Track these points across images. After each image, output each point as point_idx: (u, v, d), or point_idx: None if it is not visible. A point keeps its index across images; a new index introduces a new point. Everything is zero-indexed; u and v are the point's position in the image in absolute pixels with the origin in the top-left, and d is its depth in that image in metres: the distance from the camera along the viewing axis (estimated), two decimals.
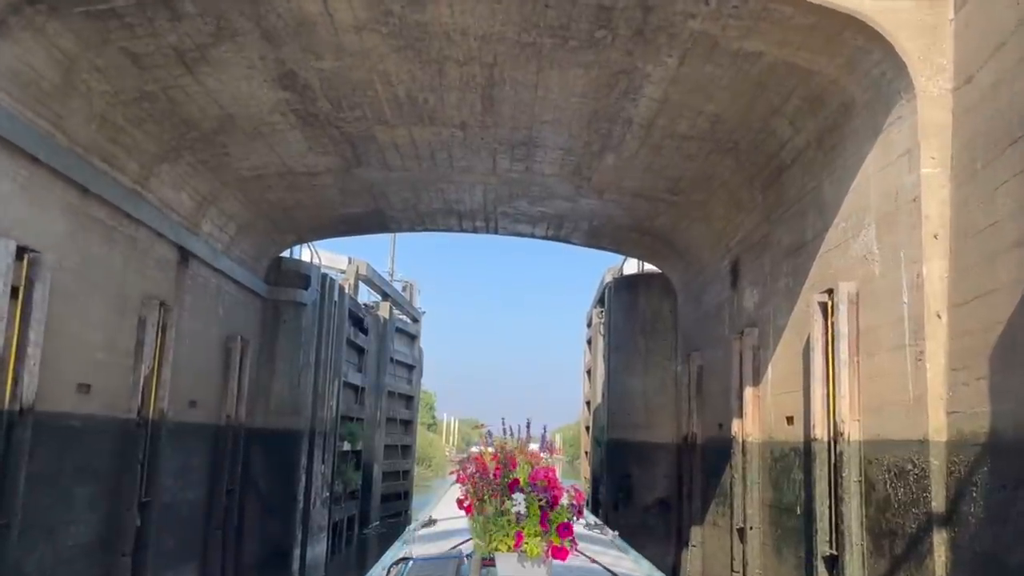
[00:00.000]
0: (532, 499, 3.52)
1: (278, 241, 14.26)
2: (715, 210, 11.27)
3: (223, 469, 12.58)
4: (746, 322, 10.57)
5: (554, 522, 3.52)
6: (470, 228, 14.67)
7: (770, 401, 9.59)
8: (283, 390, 14.71)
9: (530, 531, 3.49)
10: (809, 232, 8.51)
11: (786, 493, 8.87)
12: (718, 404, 11.88)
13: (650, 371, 15.07)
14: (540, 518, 3.50)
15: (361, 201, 12.88)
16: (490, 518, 3.56)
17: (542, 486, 3.56)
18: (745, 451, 10.12)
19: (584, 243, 15.00)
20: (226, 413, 12.69)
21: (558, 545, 3.51)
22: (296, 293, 14.92)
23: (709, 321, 12.58)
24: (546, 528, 3.50)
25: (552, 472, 3.68)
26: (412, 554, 4.81)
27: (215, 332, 12.34)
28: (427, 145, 10.43)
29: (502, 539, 3.52)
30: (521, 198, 12.64)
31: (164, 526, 10.53)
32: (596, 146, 10.08)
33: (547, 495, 3.54)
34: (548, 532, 3.50)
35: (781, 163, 9.01)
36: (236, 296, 13.14)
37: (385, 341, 23.06)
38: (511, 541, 3.48)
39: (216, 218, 11.80)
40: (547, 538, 3.50)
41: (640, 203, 12.09)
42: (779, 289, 9.40)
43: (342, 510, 18.57)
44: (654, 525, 14.59)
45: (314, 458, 15.61)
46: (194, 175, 10.50)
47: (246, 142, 10.05)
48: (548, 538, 3.50)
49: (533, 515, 3.49)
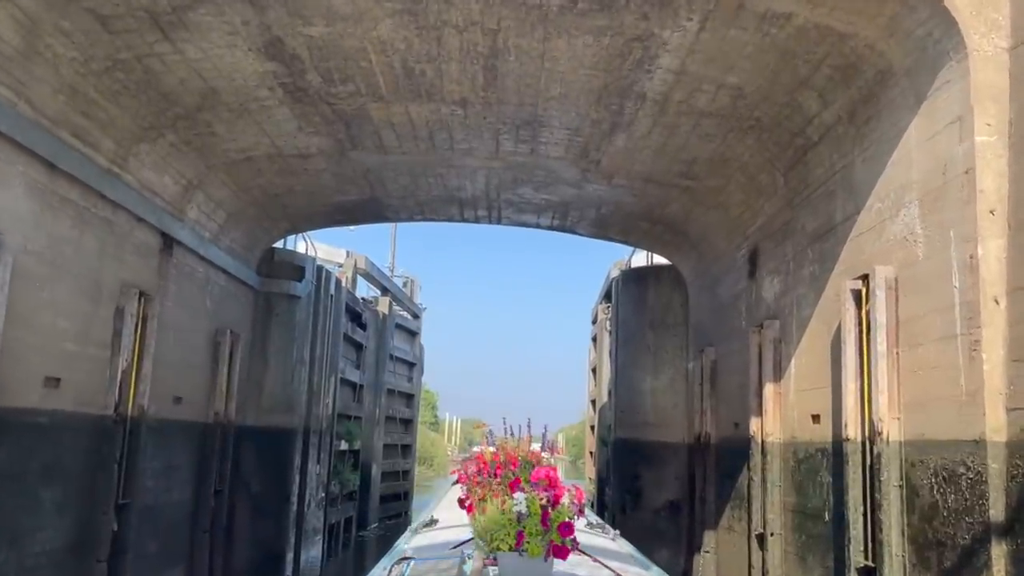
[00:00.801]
0: (533, 498, 3.49)
1: (270, 230, 13.62)
2: (732, 196, 10.61)
3: (211, 469, 11.95)
4: (765, 314, 9.92)
5: (555, 521, 3.47)
6: (471, 218, 14.02)
7: (793, 398, 8.93)
8: (276, 386, 14.07)
9: (531, 530, 3.45)
10: (838, 215, 7.85)
11: (812, 497, 8.22)
12: (734, 402, 11.23)
13: (660, 367, 14.41)
14: (541, 517, 3.47)
15: (356, 188, 12.24)
16: (491, 517, 3.53)
17: (543, 485, 3.54)
18: (765, 452, 9.47)
19: (591, 233, 14.35)
20: (214, 410, 12.05)
21: (559, 544, 3.47)
22: (290, 285, 14.27)
23: (724, 314, 11.92)
24: (547, 527, 3.45)
25: (553, 471, 3.65)
26: (413, 553, 4.74)
27: (203, 325, 11.71)
28: (425, 125, 9.78)
29: (503, 538, 3.47)
30: (525, 184, 11.98)
31: (145, 529, 9.90)
32: (606, 125, 9.42)
33: (548, 494, 3.51)
34: (549, 531, 3.46)
35: (807, 142, 8.35)
36: (226, 287, 12.50)
37: (384, 337, 22.41)
38: (512, 540, 3.44)
39: (203, 204, 11.16)
40: (548, 537, 3.46)
41: (651, 189, 11.42)
42: (803, 277, 8.75)
43: (339, 511, 17.93)
44: (664, 529, 13.93)
45: (309, 458, 14.97)
46: (178, 156, 9.86)
47: (232, 120, 9.41)
48: (549, 537, 3.46)
49: (534, 514, 3.46)
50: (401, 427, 25.22)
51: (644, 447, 14.43)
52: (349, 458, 18.86)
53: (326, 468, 16.32)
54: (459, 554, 4.25)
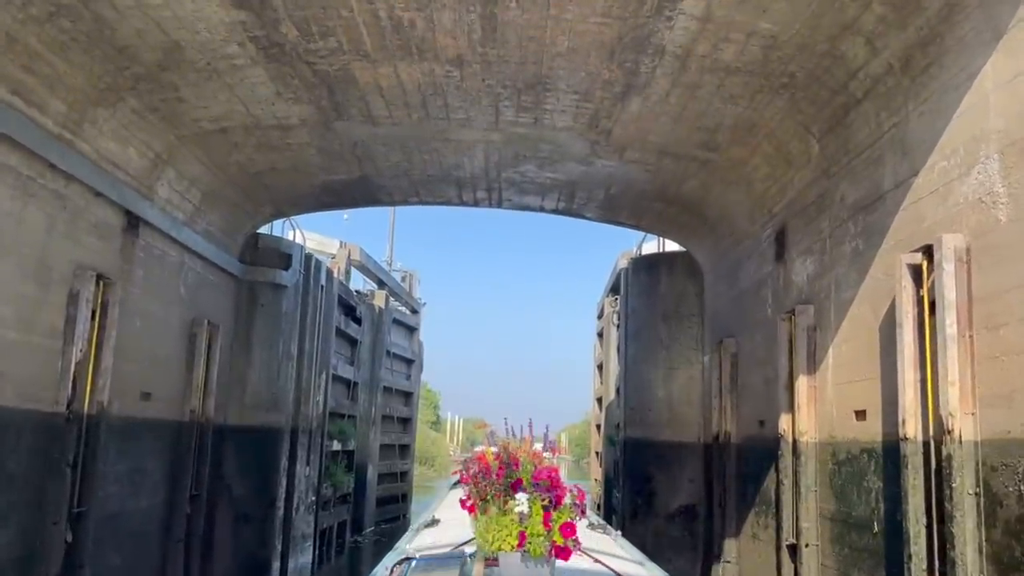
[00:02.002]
0: (535, 499, 3.43)
1: (253, 214, 12.63)
2: (757, 168, 9.60)
3: (186, 472, 10.96)
4: (796, 299, 8.91)
5: (557, 522, 3.42)
6: (470, 200, 13.01)
7: (831, 392, 7.92)
8: (260, 382, 13.09)
9: (533, 531, 3.40)
10: (887, 181, 6.84)
11: (856, 505, 7.21)
12: (758, 397, 10.22)
13: (673, 362, 13.40)
14: (543, 518, 3.42)
15: (345, 165, 11.24)
16: (493, 518, 3.47)
17: (545, 486, 3.47)
18: (797, 452, 8.46)
19: (599, 217, 13.34)
20: (190, 408, 11.06)
21: (561, 545, 3.42)
22: (275, 274, 13.29)
23: (746, 302, 10.91)
24: (549, 528, 3.41)
25: (555, 472, 3.59)
26: (415, 554, 4.69)
27: (176, 314, 10.72)
28: (417, 89, 8.78)
29: (505, 539, 3.42)
30: (528, 160, 10.98)
31: (107, 540, 8.92)
32: (618, 87, 8.42)
33: (550, 495, 3.46)
34: (551, 532, 3.41)
35: (848, 99, 7.34)
36: (203, 275, 11.52)
37: (381, 332, 21.42)
38: (514, 541, 3.39)
39: (175, 182, 10.17)
40: (550, 538, 3.41)
41: (666, 164, 10.41)
42: (843, 255, 7.74)
43: (331, 516, 16.94)
44: (678, 536, 12.94)
45: (297, 459, 13.99)
46: (142, 125, 8.87)
47: (201, 83, 8.42)
48: (551, 538, 3.41)
49: (536, 514, 3.41)
50: (399, 426, 24.22)
51: (656, 447, 13.42)
52: (342, 459, 17.88)
53: (317, 470, 15.35)
54: (461, 554, 4.19)
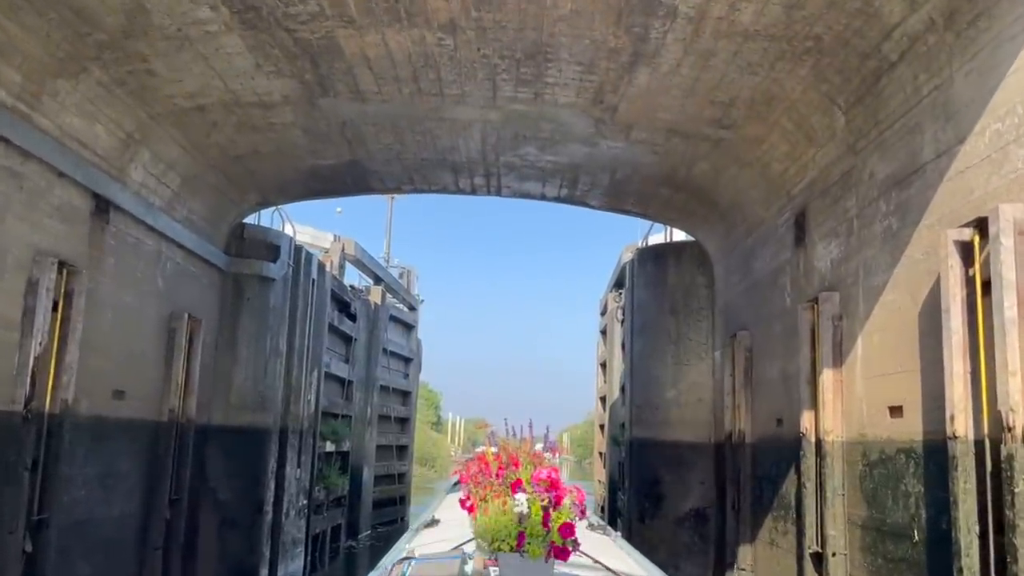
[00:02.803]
0: (535, 499, 3.41)
1: (237, 202, 11.96)
2: (775, 147, 8.91)
3: (165, 475, 10.29)
4: (819, 286, 8.23)
5: (556, 522, 3.40)
6: (468, 187, 12.33)
7: (861, 387, 7.24)
8: (246, 380, 12.41)
9: (532, 531, 3.38)
10: (927, 150, 6.16)
11: (892, 511, 6.52)
12: (776, 394, 9.54)
13: (682, 358, 12.72)
14: (542, 518, 3.39)
15: (333, 149, 10.56)
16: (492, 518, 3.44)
17: (545, 486, 3.45)
18: (822, 453, 7.78)
19: (603, 205, 12.65)
20: (169, 407, 10.39)
21: (560, 545, 3.40)
22: (262, 266, 12.61)
23: (761, 292, 10.23)
24: (548, 528, 3.39)
25: (555, 472, 3.55)
26: (414, 553, 4.69)
27: (153, 307, 10.05)
28: (407, 60, 8.11)
29: (504, 539, 3.40)
30: (528, 142, 10.30)
31: (74, 549, 8.27)
32: (626, 56, 7.74)
33: (550, 495, 3.43)
34: (550, 532, 3.39)
35: (881, 63, 6.65)
36: (184, 266, 10.84)
37: (377, 330, 20.72)
38: (513, 541, 3.38)
39: (150, 164, 9.51)
40: (549, 538, 3.38)
41: (676, 144, 9.73)
42: (873, 237, 7.05)
43: (324, 520, 16.25)
44: (688, 541, 12.25)
45: (287, 460, 13.31)
46: (110, 101, 8.20)
47: (171, 53, 7.75)
48: (550, 538, 3.39)
49: (535, 515, 3.38)
50: (397, 426, 23.52)
51: (664, 448, 12.73)
52: (336, 461, 17.17)
53: (308, 472, 14.66)
54: (460, 554, 4.19)
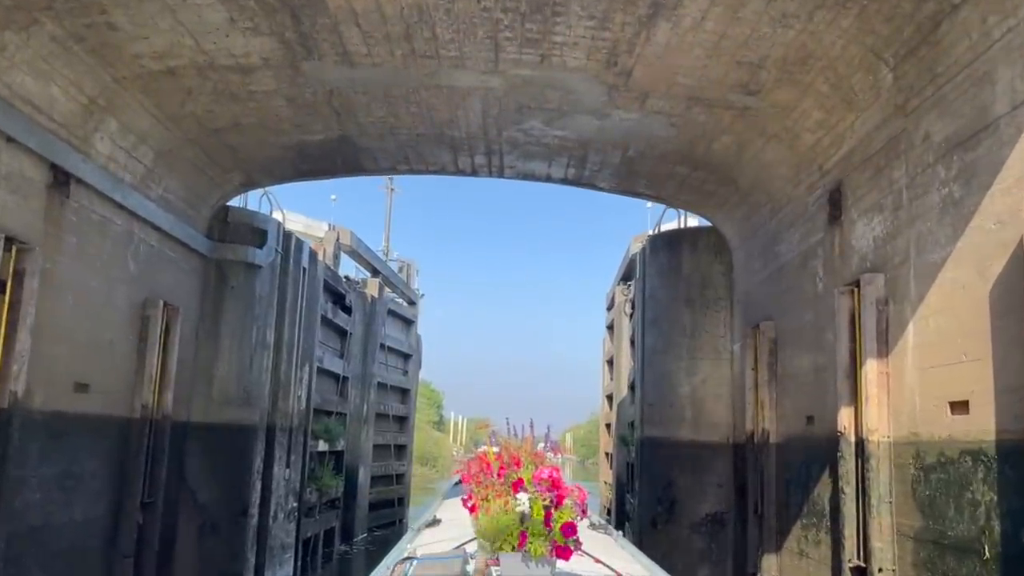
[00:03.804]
0: (536, 498, 3.39)
1: (220, 183, 11.11)
2: (807, 115, 8.04)
3: (136, 476, 9.46)
4: (859, 268, 7.36)
5: (558, 522, 3.36)
6: (468, 168, 11.47)
7: (913, 379, 6.36)
8: (230, 374, 11.57)
9: (534, 531, 3.34)
10: (1000, 102, 5.29)
11: (954, 522, 5.65)
12: (805, 389, 8.68)
13: (698, 351, 11.85)
14: (544, 518, 3.37)
15: (321, 121, 9.71)
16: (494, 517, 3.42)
17: (546, 486, 3.43)
18: (864, 454, 6.90)
19: (613, 187, 11.77)
20: (141, 402, 9.55)
21: (562, 545, 3.36)
22: (247, 252, 11.76)
23: (787, 279, 9.36)
24: (550, 528, 3.35)
25: (556, 472, 3.52)
26: (416, 553, 4.64)
27: (123, 292, 9.21)
28: (399, 15, 7.25)
29: (506, 538, 3.37)
30: (533, 114, 9.43)
31: (27, 558, 7.46)
32: (643, 8, 6.87)
33: (551, 495, 3.41)
34: (552, 531, 3.35)
35: (940, 7, 5.78)
36: (159, 249, 10.00)
37: (374, 324, 19.87)
38: (515, 540, 3.35)
39: (118, 135, 8.66)
40: (551, 538, 3.35)
41: (696, 114, 8.85)
42: (929, 207, 6.18)
43: (316, 523, 15.40)
44: (704, 548, 11.38)
45: (274, 460, 12.47)
46: (68, 60, 7.36)
47: (134, 4, 6.91)
48: (552, 538, 3.35)
49: (537, 514, 3.37)
50: (395, 425, 22.66)
51: (678, 448, 11.86)
52: (330, 460, 16.35)
53: (299, 472, 13.83)
54: (462, 554, 4.17)
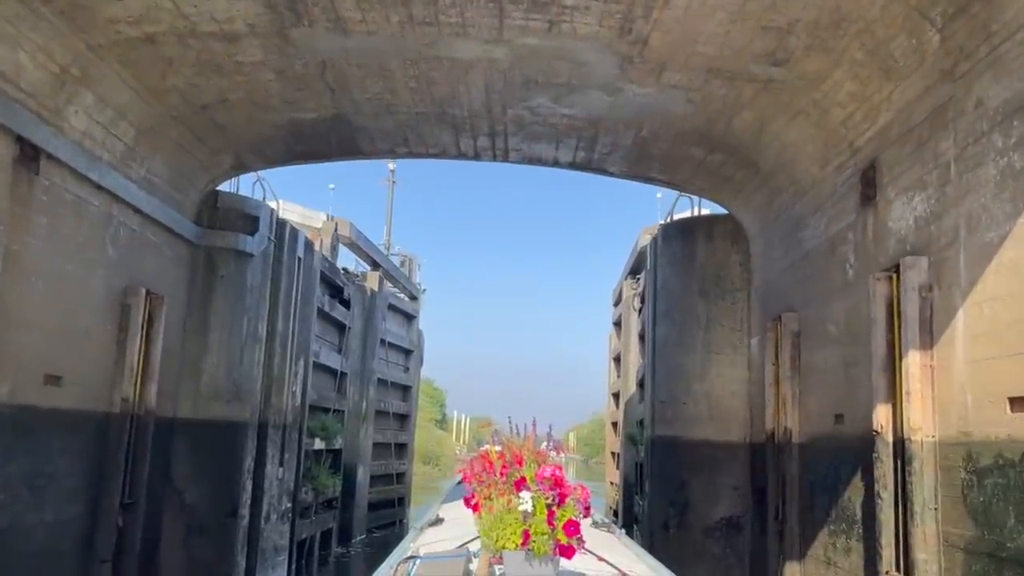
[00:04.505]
0: (539, 497, 3.34)
1: (208, 165, 10.51)
2: (838, 87, 7.40)
3: (116, 475, 8.88)
4: (897, 252, 6.73)
5: (561, 520, 3.31)
6: (470, 151, 10.86)
7: (963, 373, 5.73)
8: (219, 368, 10.98)
9: (537, 529, 3.30)
10: None
11: (1015, 532, 5.02)
12: (833, 385, 8.05)
13: (713, 345, 11.22)
14: (547, 516, 3.32)
15: (314, 97, 9.11)
16: (497, 516, 3.39)
17: (549, 484, 3.38)
18: (905, 456, 6.27)
19: (624, 172, 11.15)
20: (121, 395, 8.96)
21: (565, 543, 3.32)
22: (238, 239, 11.16)
23: (812, 267, 8.74)
24: (553, 526, 3.30)
25: (558, 470, 3.49)
26: (419, 552, 4.59)
27: (101, 278, 8.62)
28: None
29: (509, 537, 3.33)
30: (540, 90, 8.82)
31: None
32: None
33: (554, 493, 3.37)
34: (555, 530, 3.31)
35: None
36: (141, 234, 9.41)
37: (374, 319, 19.27)
38: (518, 539, 3.31)
39: (95, 109, 8.07)
40: (554, 536, 3.31)
41: (716, 88, 8.23)
42: (983, 181, 5.55)
43: (312, 524, 14.81)
44: (719, 554, 10.75)
45: (267, 458, 11.89)
46: (35, 23, 6.76)
47: None
48: (555, 536, 3.31)
49: (540, 513, 3.32)
50: (395, 423, 22.06)
51: (691, 448, 11.23)
52: (327, 459, 15.76)
53: (293, 472, 13.23)
54: (465, 553, 4.12)
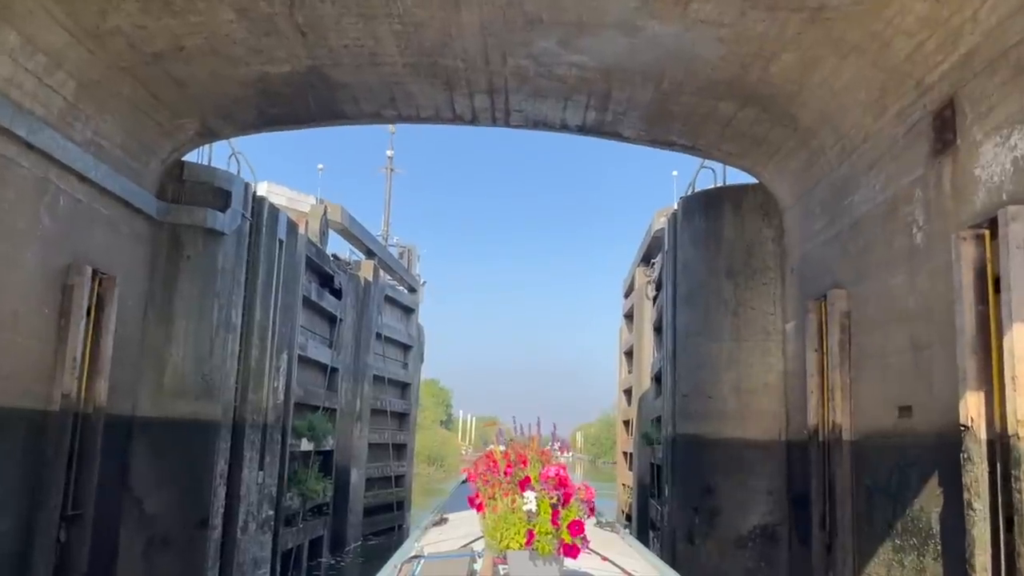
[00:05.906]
0: (543, 497, 3.34)
1: (170, 130, 9.28)
2: (905, 11, 6.11)
3: (56, 483, 7.67)
4: (988, 204, 5.47)
5: (565, 520, 3.33)
6: (467, 113, 9.59)
7: None
8: (185, 360, 9.77)
9: (541, 529, 3.31)
10: None
11: None
12: (898, 372, 6.78)
13: (742, 331, 9.94)
14: (551, 516, 3.32)
15: (285, 46, 7.86)
16: (501, 515, 3.37)
17: (553, 484, 3.38)
18: (1005, 457, 5.02)
19: (641, 136, 9.86)
20: (62, 391, 7.74)
21: (569, 543, 3.33)
22: (206, 215, 9.94)
23: (866, 234, 7.46)
24: (557, 526, 3.32)
25: (562, 470, 3.49)
26: (423, 552, 4.54)
27: (35, 255, 7.41)
28: None
29: (513, 536, 3.34)
30: (546, 31, 7.55)
31: None
32: None
33: (558, 493, 3.37)
34: (559, 530, 3.32)
35: None
36: (88, 205, 8.20)
37: (368, 311, 18.03)
38: (522, 539, 3.33)
39: (21, 54, 6.84)
40: (558, 536, 3.32)
41: (753, 22, 6.94)
42: None
43: (299, 533, 13.58)
44: (753, 568, 9.48)
45: (243, 461, 10.67)
46: None
47: None
48: (559, 536, 3.32)
49: (544, 513, 3.32)
50: (394, 422, 20.80)
51: (719, 447, 9.96)
52: (316, 461, 14.53)
53: (276, 475, 12.01)
54: (469, 552, 4.09)
